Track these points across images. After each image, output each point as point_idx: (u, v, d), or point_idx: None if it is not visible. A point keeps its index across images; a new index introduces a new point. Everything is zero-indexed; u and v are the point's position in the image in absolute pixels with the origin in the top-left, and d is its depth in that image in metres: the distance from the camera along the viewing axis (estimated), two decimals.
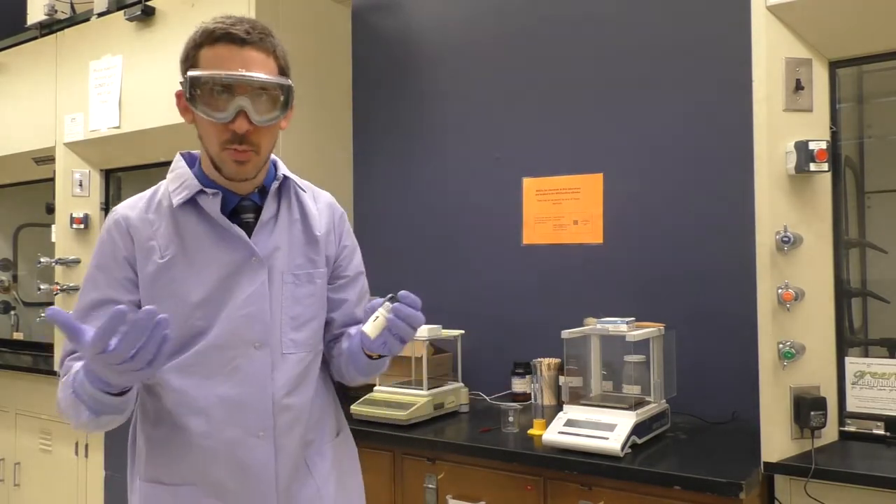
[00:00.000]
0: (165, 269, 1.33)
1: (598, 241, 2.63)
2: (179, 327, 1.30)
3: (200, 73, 1.27)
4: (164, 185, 1.41)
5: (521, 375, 2.62)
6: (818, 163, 1.78)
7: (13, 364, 3.67)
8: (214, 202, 1.35)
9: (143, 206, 1.38)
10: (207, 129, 1.32)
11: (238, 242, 1.36)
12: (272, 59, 1.32)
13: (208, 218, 1.36)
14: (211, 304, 1.33)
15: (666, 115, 2.51)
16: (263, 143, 1.33)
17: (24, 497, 3.61)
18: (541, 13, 2.79)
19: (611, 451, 1.85)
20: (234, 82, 1.26)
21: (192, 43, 1.32)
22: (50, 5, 3.49)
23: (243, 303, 1.35)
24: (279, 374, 1.38)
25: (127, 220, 1.36)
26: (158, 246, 1.34)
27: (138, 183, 3.67)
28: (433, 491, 2.12)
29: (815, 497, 1.73)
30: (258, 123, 1.29)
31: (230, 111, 1.26)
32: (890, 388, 1.85)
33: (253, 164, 1.34)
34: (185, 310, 1.32)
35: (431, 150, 3.06)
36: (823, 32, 1.85)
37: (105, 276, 1.34)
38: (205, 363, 1.33)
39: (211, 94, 1.27)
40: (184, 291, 1.33)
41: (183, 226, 1.35)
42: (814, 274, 1.86)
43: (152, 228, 1.35)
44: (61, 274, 3.42)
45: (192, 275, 1.33)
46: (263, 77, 1.28)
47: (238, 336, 1.34)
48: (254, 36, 1.29)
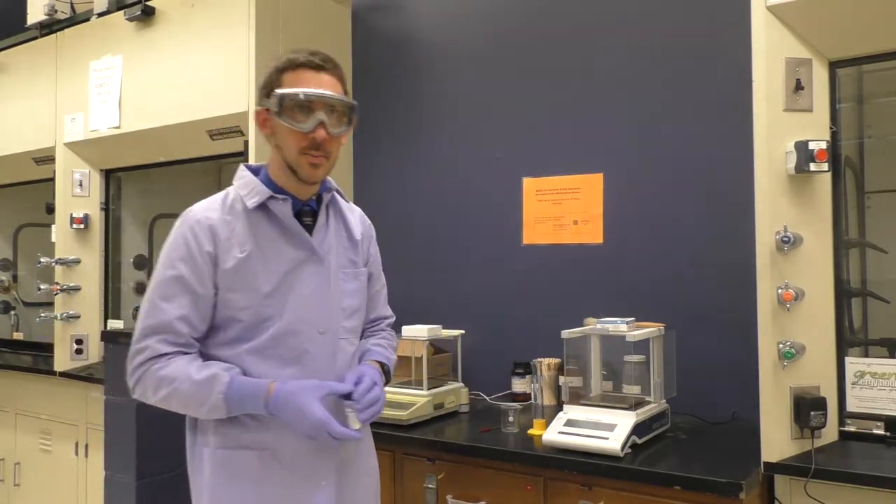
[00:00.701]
0: (243, 263, 1.53)
1: (598, 241, 2.63)
2: (252, 315, 1.53)
3: (291, 89, 1.51)
4: (232, 190, 1.61)
5: (521, 375, 2.62)
6: (818, 163, 1.77)
7: (13, 364, 3.68)
8: (285, 206, 1.57)
9: (218, 209, 1.57)
10: (287, 138, 1.53)
11: (302, 242, 1.59)
12: (340, 84, 1.58)
13: (277, 219, 1.57)
14: (278, 295, 1.55)
15: (666, 114, 2.51)
16: (333, 151, 1.57)
17: (24, 497, 3.61)
18: (541, 13, 2.79)
19: (611, 451, 1.85)
20: (318, 98, 1.52)
21: (276, 69, 1.56)
22: (50, 5, 3.50)
23: (309, 294, 1.58)
24: (339, 357, 1.62)
25: (209, 220, 1.55)
26: (237, 243, 1.54)
27: (138, 183, 3.68)
28: (433, 491, 2.12)
29: (815, 497, 1.73)
30: (333, 134, 1.54)
31: (311, 122, 1.51)
32: (890, 388, 1.85)
33: (324, 169, 1.57)
34: (257, 299, 1.53)
35: (431, 149, 3.06)
36: (823, 32, 1.85)
37: (189, 267, 1.51)
38: (279, 346, 1.54)
39: (295, 109, 1.52)
40: (257, 283, 1.53)
41: (256, 225, 1.56)
42: (814, 274, 1.85)
43: (230, 228, 1.55)
44: (61, 274, 3.43)
45: (263, 269, 1.54)
46: (339, 96, 1.55)
47: (306, 322, 1.57)
48: (328, 64, 1.56)
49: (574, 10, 2.72)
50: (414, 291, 3.03)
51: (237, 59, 2.78)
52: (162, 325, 1.50)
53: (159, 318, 1.50)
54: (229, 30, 2.82)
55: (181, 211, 1.62)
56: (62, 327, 3.40)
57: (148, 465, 2.40)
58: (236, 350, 1.54)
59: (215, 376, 1.48)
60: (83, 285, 3.43)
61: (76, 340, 3.38)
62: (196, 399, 1.48)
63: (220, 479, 1.53)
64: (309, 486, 1.56)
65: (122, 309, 3.61)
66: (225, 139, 2.97)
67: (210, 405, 1.48)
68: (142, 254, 3.70)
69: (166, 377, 1.49)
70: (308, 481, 1.56)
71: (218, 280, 1.53)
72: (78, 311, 3.41)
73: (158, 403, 1.53)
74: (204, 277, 1.52)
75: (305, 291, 1.57)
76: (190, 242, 1.53)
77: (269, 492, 1.53)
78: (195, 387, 1.47)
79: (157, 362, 1.50)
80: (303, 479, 1.56)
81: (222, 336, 1.55)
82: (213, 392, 1.47)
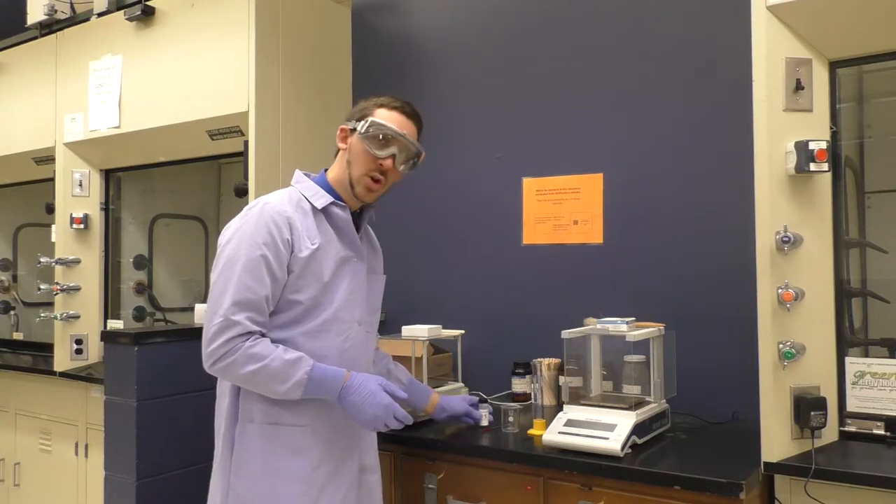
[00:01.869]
0: (314, 253, 1.75)
1: (598, 241, 2.63)
2: (311, 300, 1.75)
3: (384, 122, 1.82)
4: (295, 192, 1.83)
5: (521, 375, 2.62)
6: (818, 163, 1.77)
7: (13, 364, 3.68)
8: (346, 212, 1.84)
9: (289, 204, 1.78)
10: (361, 158, 1.82)
11: (353, 243, 1.85)
12: (417, 133, 1.91)
13: (334, 221, 1.82)
14: (331, 285, 1.78)
15: (666, 114, 2.51)
16: (390, 182, 1.86)
17: (24, 497, 3.61)
18: (541, 13, 2.79)
19: (611, 451, 1.85)
20: (399, 137, 1.83)
21: (375, 102, 1.86)
22: (50, 5, 3.50)
23: (353, 288, 1.83)
24: (368, 346, 1.93)
25: (286, 212, 1.75)
26: (308, 236, 1.76)
27: (138, 183, 3.68)
28: (433, 491, 2.12)
29: (815, 497, 1.73)
30: (399, 168, 1.85)
31: (386, 153, 1.82)
32: (890, 388, 1.85)
33: (377, 194, 1.87)
34: (318, 286, 1.76)
35: (431, 150, 3.04)
36: (823, 32, 1.85)
37: (273, 252, 1.70)
38: (327, 330, 1.77)
39: (377, 138, 1.81)
40: (321, 272, 1.76)
41: (318, 223, 1.80)
42: (814, 274, 1.85)
43: (301, 222, 1.76)
44: (61, 274, 3.43)
45: (324, 261, 1.77)
46: (414, 141, 1.87)
47: (349, 312, 1.82)
48: (415, 116, 1.90)
49: (574, 9, 2.72)
50: (414, 291, 3.03)
51: (237, 59, 2.78)
52: (252, 302, 1.68)
53: (249, 296, 1.67)
54: (229, 30, 2.82)
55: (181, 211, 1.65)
56: (62, 327, 3.40)
57: (148, 465, 2.40)
58: (290, 332, 1.74)
59: (301, 358, 1.69)
60: (83, 285, 3.43)
61: (76, 340, 3.38)
62: (283, 376, 1.67)
63: (268, 451, 1.74)
64: (341, 457, 1.81)
65: (122, 309, 3.61)
66: (225, 139, 2.97)
67: (293, 383, 1.67)
68: (142, 254, 3.70)
69: (258, 354, 1.66)
70: (343, 453, 1.81)
71: (292, 266, 1.73)
72: (78, 311, 3.41)
73: (240, 379, 1.70)
74: (283, 263, 1.72)
75: (350, 286, 1.82)
76: (272, 230, 1.71)
77: (310, 462, 1.75)
78: (285, 365, 1.67)
79: (249, 339, 1.67)
80: (339, 450, 1.80)
81: (280, 318, 1.74)
82: (299, 371, 1.67)
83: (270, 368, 1.66)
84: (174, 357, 2.46)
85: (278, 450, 1.74)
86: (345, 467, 1.81)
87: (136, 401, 2.39)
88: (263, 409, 1.75)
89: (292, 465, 1.74)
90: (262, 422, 1.75)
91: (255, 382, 1.69)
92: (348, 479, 1.82)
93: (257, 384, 1.70)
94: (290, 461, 1.74)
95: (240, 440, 1.77)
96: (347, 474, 1.82)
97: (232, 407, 1.79)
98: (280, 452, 1.74)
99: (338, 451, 1.80)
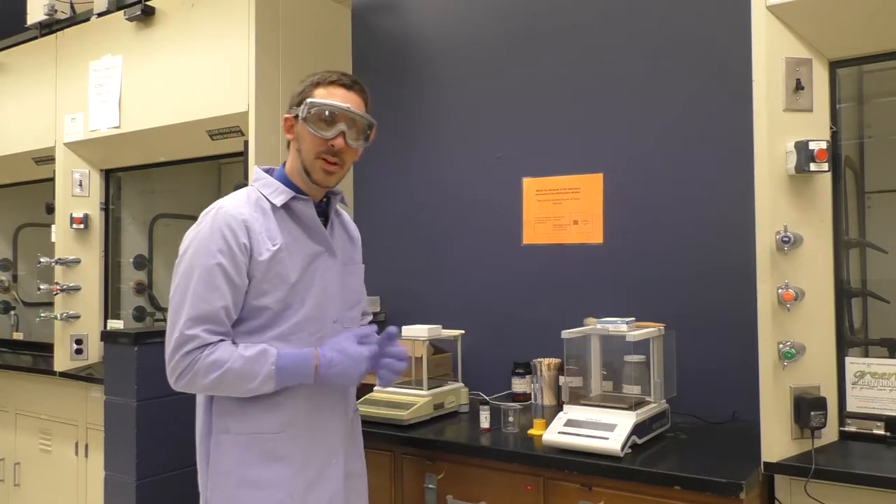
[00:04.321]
0: (275, 255, 1.67)
1: (598, 241, 2.63)
2: (279, 304, 1.67)
3: (321, 100, 1.69)
4: (254, 190, 1.74)
5: (521, 375, 2.62)
6: (818, 163, 1.77)
7: (13, 364, 3.68)
8: (308, 206, 1.74)
9: (247, 206, 1.70)
10: (309, 143, 1.70)
11: (321, 238, 1.76)
12: (364, 104, 1.77)
13: (297, 217, 1.73)
14: (301, 285, 1.70)
15: (666, 114, 2.51)
16: (347, 161, 1.74)
17: (24, 497, 3.61)
18: (541, 13, 2.79)
19: (611, 451, 1.85)
20: (343, 112, 1.69)
21: (311, 83, 1.74)
22: (50, 5, 3.49)
23: (325, 285, 1.75)
24: None
25: (241, 214, 1.67)
26: (268, 237, 1.68)
27: (138, 183, 3.68)
28: (433, 491, 2.12)
29: (815, 497, 1.73)
30: (351, 145, 1.72)
31: (333, 131, 1.69)
32: (890, 388, 1.85)
33: (337, 176, 1.74)
34: (285, 288, 1.68)
35: (431, 149, 3.06)
36: (823, 32, 1.85)
37: (228, 259, 1.63)
38: (300, 332, 1.70)
39: (320, 118, 1.69)
40: (286, 273, 1.68)
41: (281, 221, 1.71)
42: (814, 274, 1.85)
43: (260, 223, 1.68)
44: (61, 274, 3.42)
45: (290, 261, 1.69)
46: (361, 113, 1.73)
47: (323, 311, 1.74)
48: (356, 86, 1.75)
49: (574, 9, 2.72)
50: (414, 291, 3.03)
51: (237, 59, 2.77)
52: (208, 314, 1.61)
53: (204, 308, 1.61)
54: (229, 30, 2.81)
55: (181, 211, 1.65)
56: (62, 327, 3.40)
57: (148, 465, 2.40)
58: (262, 337, 1.67)
59: (265, 350, 1.63)
60: (83, 285, 3.43)
61: (76, 340, 3.38)
62: (249, 374, 1.61)
63: (243, 461, 1.67)
64: (322, 463, 1.74)
65: (122, 309, 3.61)
66: (225, 139, 2.96)
67: (262, 378, 1.61)
68: (142, 254, 3.70)
69: (217, 360, 1.60)
70: (325, 459, 1.75)
71: (252, 271, 1.65)
72: (78, 311, 3.40)
73: (206, 388, 1.64)
74: (241, 269, 1.64)
75: (322, 283, 1.74)
76: (227, 235, 1.63)
77: (289, 469, 1.68)
78: (247, 363, 1.61)
79: (205, 350, 1.61)
80: (317, 456, 1.73)
81: (249, 325, 1.68)
82: (265, 364, 1.61)
83: (234, 370, 1.60)
84: None
85: (256, 459, 1.67)
86: (328, 473, 1.75)
87: (136, 401, 2.39)
88: (237, 420, 1.68)
89: (271, 474, 1.67)
90: (237, 432, 1.68)
91: (223, 388, 1.63)
92: (332, 486, 1.75)
93: (226, 389, 1.63)
94: (268, 470, 1.67)
95: (215, 452, 1.70)
96: (331, 480, 1.75)
97: (206, 419, 1.73)
98: (257, 462, 1.67)
99: (319, 457, 1.74)
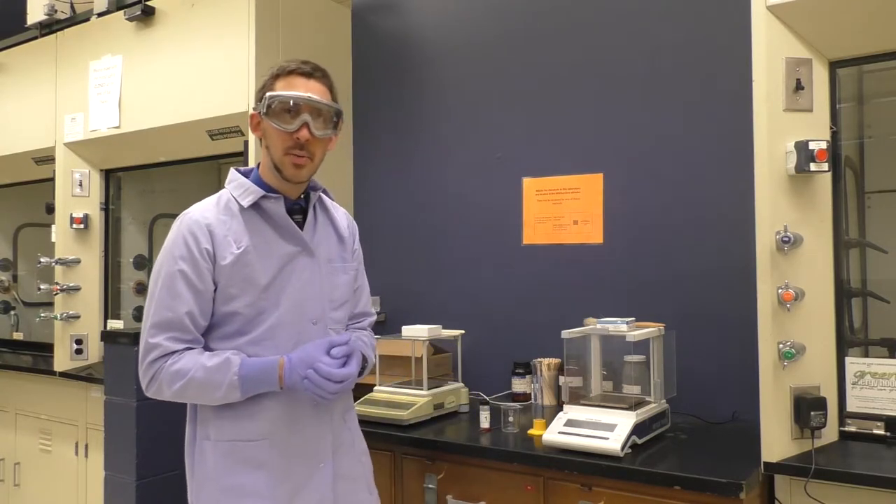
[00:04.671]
0: (240, 258, 1.62)
1: (598, 241, 2.63)
2: (251, 308, 1.62)
3: (280, 92, 1.62)
4: (226, 192, 1.70)
5: (521, 375, 2.62)
6: (818, 163, 1.77)
7: (13, 364, 3.68)
8: (278, 204, 1.67)
9: (214, 210, 1.66)
10: (275, 138, 1.64)
11: (294, 237, 1.68)
12: (328, 91, 1.69)
13: (269, 217, 1.66)
14: (275, 287, 1.64)
15: (666, 114, 2.51)
16: (317, 153, 1.66)
17: (24, 497, 3.61)
18: (541, 13, 2.79)
19: (611, 451, 1.85)
20: (302, 101, 1.61)
21: (270, 75, 1.67)
22: (50, 5, 3.49)
23: (302, 286, 1.67)
24: None
25: (206, 219, 1.63)
26: (233, 240, 1.63)
27: (138, 183, 3.68)
28: (433, 491, 2.12)
29: (815, 497, 1.73)
30: (317, 136, 1.63)
31: (296, 123, 1.61)
32: (890, 388, 1.85)
33: (307, 169, 1.66)
34: (255, 292, 1.62)
35: (431, 149, 3.06)
36: (823, 32, 1.85)
37: (190, 265, 1.60)
38: (275, 337, 1.63)
39: (283, 111, 1.62)
40: (255, 277, 1.62)
41: (250, 223, 1.65)
42: (814, 274, 1.85)
43: (226, 226, 1.63)
44: (61, 274, 3.42)
45: (260, 263, 1.63)
46: (323, 100, 1.65)
47: (300, 313, 1.67)
48: (317, 73, 1.68)
49: (574, 9, 2.72)
50: (414, 291, 3.03)
51: (237, 59, 2.77)
52: (170, 321, 1.59)
53: (167, 315, 1.59)
54: (229, 30, 2.81)
55: (181, 211, 1.64)
56: (62, 327, 3.39)
57: (148, 465, 2.40)
58: (236, 342, 1.63)
59: (228, 360, 1.58)
60: (83, 285, 3.43)
61: (76, 340, 3.38)
62: (212, 384, 1.57)
63: (225, 468, 1.63)
64: (308, 468, 1.67)
65: (122, 309, 3.61)
66: (225, 139, 2.97)
67: (226, 387, 1.57)
68: (142, 254, 3.70)
69: (180, 370, 1.57)
70: (308, 463, 1.67)
71: (217, 276, 1.61)
72: (78, 311, 3.40)
73: (174, 397, 1.61)
74: (204, 274, 1.60)
75: (299, 284, 1.67)
76: (189, 241, 1.61)
77: (271, 475, 1.63)
78: (210, 373, 1.56)
79: (169, 359, 1.58)
80: (302, 462, 1.66)
81: (222, 331, 1.64)
82: (228, 374, 1.56)
83: (197, 380, 1.56)
84: None
85: (237, 466, 1.62)
86: (315, 479, 1.68)
87: (136, 401, 2.39)
88: (218, 426, 1.64)
89: (254, 481, 1.62)
90: (218, 439, 1.64)
91: (189, 397, 1.61)
92: (320, 492, 1.68)
93: (193, 397, 1.61)
94: (250, 477, 1.62)
95: (199, 459, 1.67)
96: (318, 486, 1.68)
97: (191, 425, 1.70)
98: (239, 469, 1.62)
99: (303, 462, 1.67)
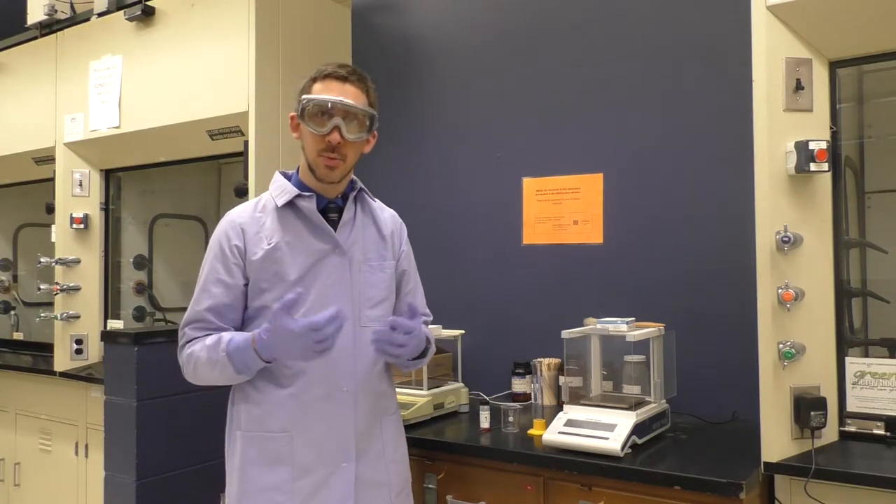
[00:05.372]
0: (270, 253, 1.69)
1: (598, 241, 2.63)
2: (279, 299, 1.59)
3: (313, 95, 1.68)
4: (267, 193, 1.78)
5: (521, 375, 2.62)
6: (818, 163, 1.77)
7: (13, 364, 3.68)
8: (310, 202, 1.73)
9: (250, 209, 1.75)
10: (309, 140, 1.70)
11: (326, 235, 1.73)
12: (364, 94, 1.73)
13: (303, 215, 1.73)
14: (304, 283, 1.68)
15: (666, 114, 2.51)
16: (349, 155, 1.71)
17: (24, 497, 3.61)
18: (541, 13, 2.79)
19: (611, 451, 1.85)
20: (336, 105, 1.66)
21: (309, 78, 1.73)
22: (50, 5, 3.49)
23: (332, 283, 1.71)
24: (358, 344, 1.73)
25: (240, 218, 1.73)
26: (265, 236, 1.70)
27: (138, 183, 3.68)
28: (433, 491, 2.12)
29: (815, 497, 1.73)
30: (348, 139, 1.68)
31: (328, 126, 1.66)
32: (890, 388, 1.85)
33: (339, 171, 1.71)
34: (284, 286, 1.67)
35: (431, 149, 3.06)
36: (823, 32, 1.85)
37: (221, 263, 1.70)
38: None
39: (316, 114, 1.67)
40: (284, 272, 1.68)
41: (283, 220, 1.72)
42: (814, 274, 1.85)
43: (259, 224, 1.72)
44: (61, 274, 3.42)
45: (291, 259, 1.69)
46: (353, 104, 1.68)
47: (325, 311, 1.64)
48: (353, 76, 1.71)
49: (574, 9, 2.72)
50: None
51: (237, 59, 2.77)
52: (194, 316, 1.71)
53: (195, 310, 1.71)
54: (229, 30, 2.81)
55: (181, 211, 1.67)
56: (62, 327, 3.39)
57: (148, 465, 2.40)
58: None
59: (220, 338, 1.65)
60: (83, 285, 3.43)
61: (76, 340, 3.38)
62: (212, 363, 1.64)
63: (248, 459, 1.69)
64: (328, 467, 1.68)
65: (122, 309, 3.61)
66: (225, 139, 2.96)
67: (221, 364, 1.63)
68: (142, 254, 3.70)
69: (192, 352, 1.68)
70: (329, 462, 1.69)
71: (248, 271, 1.70)
72: (78, 311, 3.40)
73: (195, 379, 1.72)
74: (232, 269, 1.70)
75: (328, 281, 1.71)
76: (222, 240, 1.72)
77: (292, 470, 1.66)
78: (209, 351, 1.65)
79: (188, 346, 1.70)
80: (323, 459, 1.68)
81: (256, 324, 1.69)
82: (219, 352, 1.63)
83: (203, 361, 1.66)
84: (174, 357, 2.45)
85: (259, 459, 1.68)
86: (335, 478, 1.68)
87: (136, 401, 2.39)
88: (245, 416, 1.71)
89: (271, 476, 1.66)
90: (245, 429, 1.71)
91: (206, 378, 1.70)
92: (339, 493, 1.68)
93: (209, 379, 1.70)
94: (268, 471, 1.66)
95: (230, 450, 1.75)
96: (339, 486, 1.68)
97: (229, 413, 1.78)
98: (260, 462, 1.67)
99: (324, 462, 1.68)
